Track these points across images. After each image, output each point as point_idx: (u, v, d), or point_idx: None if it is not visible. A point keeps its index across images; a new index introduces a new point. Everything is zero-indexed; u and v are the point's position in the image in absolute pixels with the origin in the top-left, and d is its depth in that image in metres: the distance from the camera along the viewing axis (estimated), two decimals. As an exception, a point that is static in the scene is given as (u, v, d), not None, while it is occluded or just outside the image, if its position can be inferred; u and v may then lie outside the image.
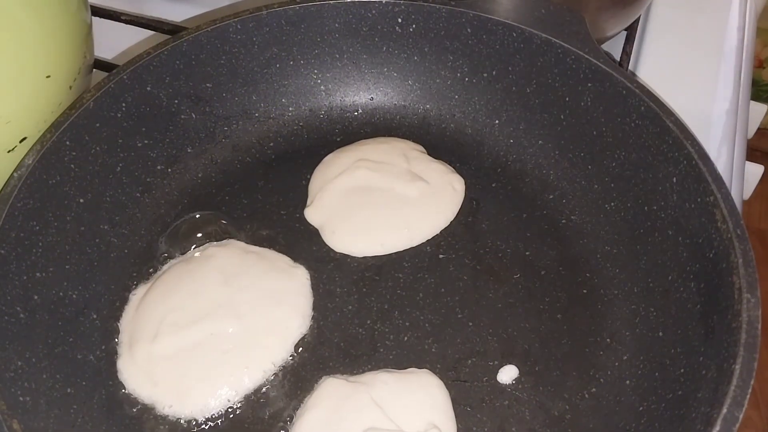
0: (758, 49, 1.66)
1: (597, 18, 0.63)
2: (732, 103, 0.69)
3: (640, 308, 0.51)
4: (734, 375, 0.39)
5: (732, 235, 0.44)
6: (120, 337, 0.51)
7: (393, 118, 0.65)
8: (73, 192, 0.53)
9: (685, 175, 0.49)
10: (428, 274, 0.55)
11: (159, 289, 0.53)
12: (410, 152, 0.61)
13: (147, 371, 0.49)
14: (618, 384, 0.49)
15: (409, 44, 0.63)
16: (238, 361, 0.49)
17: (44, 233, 0.50)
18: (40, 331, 0.48)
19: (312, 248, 0.56)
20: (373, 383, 0.48)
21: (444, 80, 0.64)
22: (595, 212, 0.57)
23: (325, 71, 0.64)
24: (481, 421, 0.48)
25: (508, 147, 0.62)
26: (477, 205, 0.59)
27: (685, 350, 0.46)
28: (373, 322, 0.52)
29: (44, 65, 0.51)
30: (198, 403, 0.48)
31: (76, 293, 0.52)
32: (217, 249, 0.55)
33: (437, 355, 0.50)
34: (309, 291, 0.54)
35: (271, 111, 0.64)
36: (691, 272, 0.48)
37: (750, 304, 0.41)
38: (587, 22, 0.57)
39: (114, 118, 0.56)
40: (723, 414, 0.38)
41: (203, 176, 0.61)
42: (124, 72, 0.56)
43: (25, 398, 0.44)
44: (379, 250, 0.56)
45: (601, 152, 0.56)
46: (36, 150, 0.50)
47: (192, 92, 0.60)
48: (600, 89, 0.55)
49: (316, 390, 0.48)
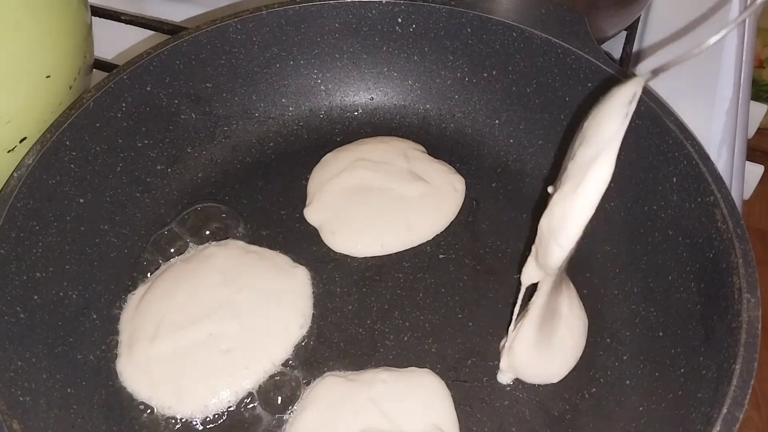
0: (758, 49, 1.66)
1: (597, 18, 0.63)
2: (732, 103, 0.69)
3: (640, 308, 0.51)
4: (734, 375, 0.39)
5: (732, 235, 0.44)
6: (119, 337, 0.51)
7: (393, 118, 0.65)
8: (73, 192, 0.53)
9: (685, 175, 0.49)
10: (428, 274, 0.55)
11: (158, 289, 0.53)
12: (410, 152, 0.61)
13: (146, 371, 0.49)
14: (618, 384, 0.49)
15: (409, 44, 0.63)
16: (238, 361, 0.49)
17: (44, 233, 0.50)
18: (40, 331, 0.48)
19: (312, 248, 0.56)
20: (372, 382, 0.48)
21: (444, 80, 0.64)
22: (595, 212, 0.57)
23: (325, 71, 0.64)
24: (481, 421, 0.48)
25: (508, 147, 0.62)
26: (477, 205, 0.59)
27: (685, 350, 0.46)
28: (373, 322, 0.52)
29: (44, 65, 0.51)
30: (198, 403, 0.48)
31: (76, 293, 0.52)
32: (217, 249, 0.55)
33: (437, 355, 0.50)
34: (309, 291, 0.54)
35: (271, 111, 0.64)
36: (691, 272, 0.48)
37: (750, 304, 0.41)
38: (587, 22, 0.57)
39: (114, 118, 0.56)
40: (723, 414, 0.38)
41: (203, 176, 0.61)
42: (124, 72, 0.56)
43: (25, 398, 0.44)
44: (380, 250, 0.56)
45: (601, 152, 0.56)
46: (36, 150, 0.50)
47: (192, 92, 0.60)
48: (600, 89, 0.55)
49: (313, 387, 0.48)
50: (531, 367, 0.48)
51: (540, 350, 0.47)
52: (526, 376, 0.49)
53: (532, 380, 0.49)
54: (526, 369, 0.48)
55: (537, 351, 0.47)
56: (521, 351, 0.47)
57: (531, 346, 0.47)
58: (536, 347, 0.47)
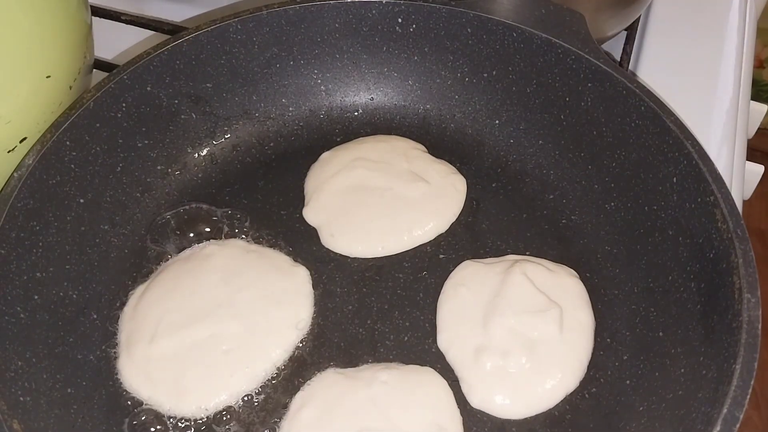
0: (758, 49, 1.66)
1: (597, 18, 0.63)
2: (732, 103, 0.69)
3: (640, 308, 0.51)
4: (734, 375, 0.39)
5: (732, 235, 0.44)
6: (119, 337, 0.51)
7: (393, 118, 0.65)
8: (73, 192, 0.53)
9: (685, 175, 0.49)
10: (428, 274, 0.55)
11: (157, 289, 0.53)
12: (411, 151, 0.61)
13: (146, 372, 0.49)
14: (618, 384, 0.49)
15: (409, 44, 0.63)
16: (238, 361, 0.49)
17: (44, 233, 0.50)
18: (40, 331, 0.48)
19: (312, 248, 0.56)
20: (371, 381, 0.48)
21: (444, 80, 0.64)
22: (595, 212, 0.57)
23: (325, 71, 0.64)
24: (481, 420, 0.48)
25: (508, 147, 0.62)
26: (477, 205, 0.59)
27: (685, 350, 0.46)
28: (373, 322, 0.52)
29: (44, 65, 0.51)
30: (198, 403, 0.48)
31: (76, 293, 0.52)
32: (217, 248, 0.55)
33: (437, 355, 0.50)
34: (309, 291, 0.54)
35: (271, 111, 0.64)
36: (691, 272, 0.48)
37: (750, 304, 0.41)
38: (587, 22, 0.57)
39: (114, 118, 0.56)
40: (723, 414, 0.38)
41: (203, 176, 0.61)
42: (124, 72, 0.56)
43: (26, 398, 0.44)
44: (380, 252, 0.56)
45: (601, 152, 0.56)
46: (36, 150, 0.50)
47: (192, 92, 0.60)
48: (600, 89, 0.55)
49: (312, 384, 0.48)
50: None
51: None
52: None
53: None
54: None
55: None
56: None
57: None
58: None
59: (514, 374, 0.48)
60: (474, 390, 0.48)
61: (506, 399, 0.47)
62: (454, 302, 0.52)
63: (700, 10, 0.78)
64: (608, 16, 0.65)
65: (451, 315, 0.51)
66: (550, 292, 0.51)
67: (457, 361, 0.49)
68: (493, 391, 0.48)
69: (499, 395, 0.47)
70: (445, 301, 0.52)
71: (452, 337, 0.50)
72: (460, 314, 0.51)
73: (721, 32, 0.76)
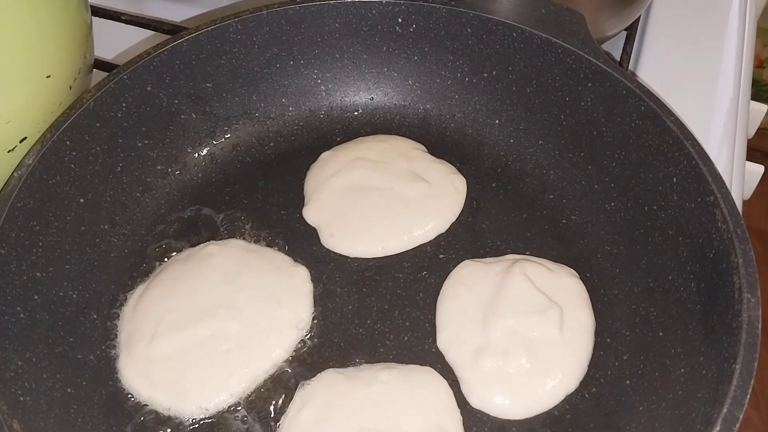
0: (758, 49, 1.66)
1: (597, 18, 0.63)
2: (732, 103, 0.69)
3: (640, 308, 0.51)
4: (734, 375, 0.39)
5: (732, 235, 0.44)
6: (119, 337, 0.51)
7: (393, 118, 0.65)
8: (73, 192, 0.53)
9: (685, 175, 0.49)
10: (428, 274, 0.55)
11: (157, 289, 0.53)
12: (411, 151, 0.61)
13: (145, 372, 0.49)
14: (618, 384, 0.49)
15: (409, 44, 0.63)
16: (238, 361, 0.49)
17: (44, 233, 0.50)
18: (40, 331, 0.48)
19: (312, 248, 0.56)
20: (371, 381, 0.48)
21: (444, 80, 0.64)
22: (595, 212, 0.57)
23: (325, 71, 0.64)
24: (481, 421, 0.48)
25: (508, 147, 0.62)
26: (477, 205, 0.59)
27: (685, 350, 0.46)
28: (373, 322, 0.52)
29: (44, 65, 0.51)
30: (198, 403, 0.48)
31: (76, 293, 0.52)
32: (217, 248, 0.55)
33: (437, 355, 0.50)
34: (309, 291, 0.54)
35: (271, 111, 0.64)
36: (691, 272, 0.48)
37: (750, 304, 0.41)
38: (587, 22, 0.57)
39: (114, 118, 0.56)
40: (723, 414, 0.38)
41: (203, 176, 0.61)
42: (124, 72, 0.56)
43: (26, 398, 0.44)
44: (380, 252, 0.56)
45: (601, 152, 0.56)
46: (36, 150, 0.50)
47: (192, 92, 0.60)
48: (600, 89, 0.55)
49: (311, 384, 0.48)
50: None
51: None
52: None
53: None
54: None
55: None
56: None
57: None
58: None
59: (514, 374, 0.48)
60: (474, 390, 0.48)
61: (506, 399, 0.47)
62: (453, 302, 0.52)
63: (700, 10, 0.78)
64: (608, 16, 0.65)
65: (451, 315, 0.51)
66: (550, 292, 0.51)
67: (456, 361, 0.49)
68: (493, 391, 0.48)
69: (499, 395, 0.47)
70: (444, 301, 0.52)
71: (452, 337, 0.50)
72: (460, 314, 0.51)
73: (721, 32, 0.76)
